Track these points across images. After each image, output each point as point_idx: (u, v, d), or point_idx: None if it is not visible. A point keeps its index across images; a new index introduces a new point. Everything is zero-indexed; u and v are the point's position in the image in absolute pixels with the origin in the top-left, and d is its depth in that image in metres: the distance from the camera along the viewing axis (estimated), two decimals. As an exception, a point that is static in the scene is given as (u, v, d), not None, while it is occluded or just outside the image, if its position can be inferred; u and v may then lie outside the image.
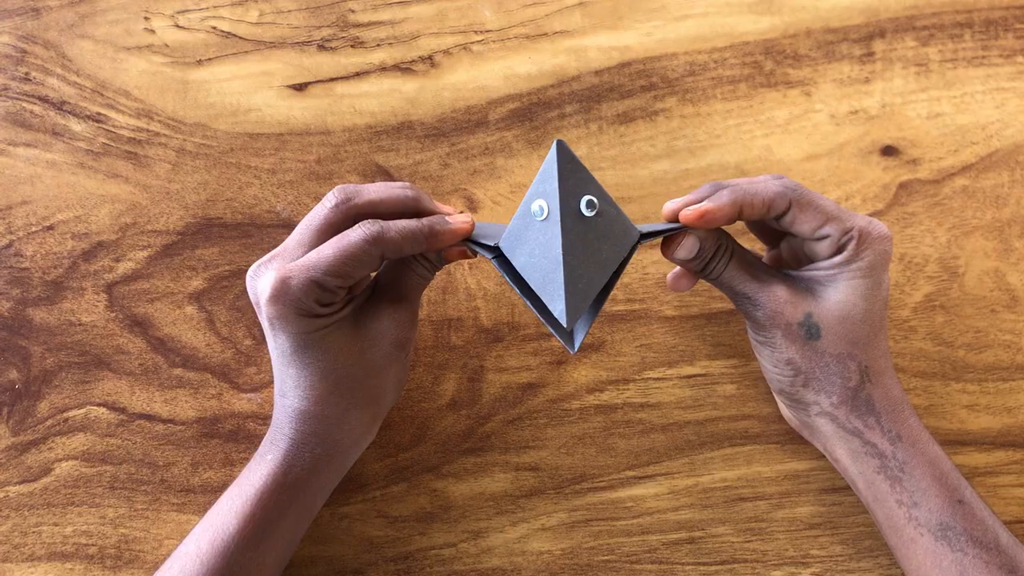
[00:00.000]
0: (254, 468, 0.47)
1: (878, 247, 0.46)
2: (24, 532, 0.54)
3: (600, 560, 0.54)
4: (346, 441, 0.48)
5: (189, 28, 0.60)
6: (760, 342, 0.49)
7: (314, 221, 0.45)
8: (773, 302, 0.47)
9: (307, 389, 0.45)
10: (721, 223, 0.45)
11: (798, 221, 0.46)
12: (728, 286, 0.48)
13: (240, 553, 0.45)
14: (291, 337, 0.44)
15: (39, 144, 0.58)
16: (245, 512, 0.45)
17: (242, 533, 0.45)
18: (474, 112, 0.59)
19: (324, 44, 0.60)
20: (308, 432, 0.46)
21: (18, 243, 0.57)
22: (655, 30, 0.60)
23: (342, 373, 0.46)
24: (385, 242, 0.43)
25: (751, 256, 0.49)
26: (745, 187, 0.46)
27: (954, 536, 0.45)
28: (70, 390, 0.55)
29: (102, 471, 0.54)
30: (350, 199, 0.45)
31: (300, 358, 0.45)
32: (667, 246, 0.47)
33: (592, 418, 0.55)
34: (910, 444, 0.47)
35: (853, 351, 0.47)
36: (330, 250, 0.43)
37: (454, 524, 0.54)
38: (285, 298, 0.43)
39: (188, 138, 0.59)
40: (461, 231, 0.45)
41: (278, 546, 0.47)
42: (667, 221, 0.47)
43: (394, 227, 0.44)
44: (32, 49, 0.60)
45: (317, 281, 0.43)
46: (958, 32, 0.60)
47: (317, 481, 0.47)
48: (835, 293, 0.46)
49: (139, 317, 0.56)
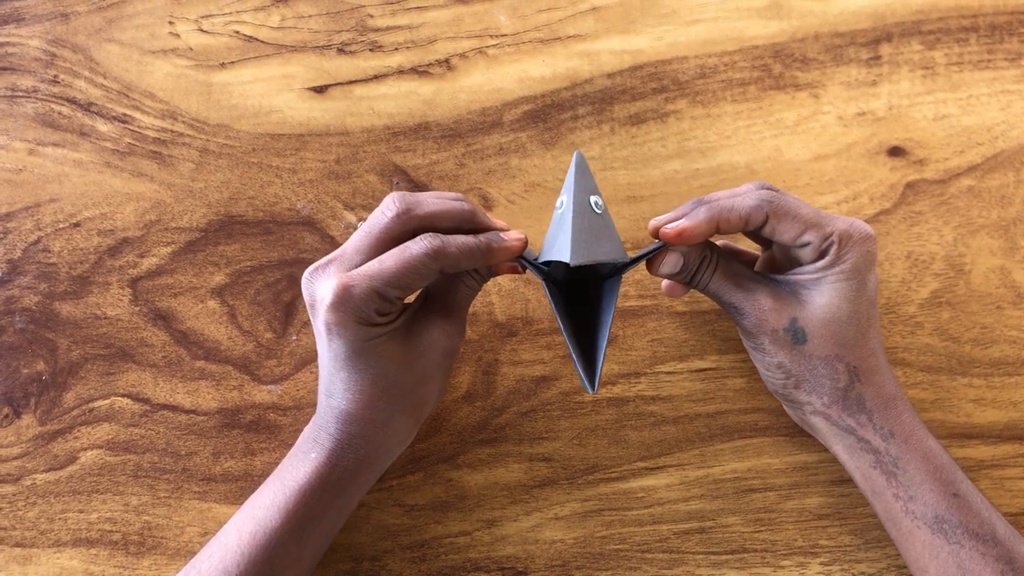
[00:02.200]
0: (297, 464, 0.47)
1: (860, 248, 0.47)
2: (51, 518, 0.55)
3: (612, 549, 0.55)
4: (388, 444, 0.49)
5: (212, 32, 0.62)
6: (751, 347, 0.50)
7: (374, 229, 0.46)
8: (758, 310, 0.48)
9: (356, 393, 0.46)
10: (699, 240, 0.47)
11: (777, 232, 0.47)
12: (715, 295, 0.50)
13: (281, 547, 0.45)
14: (347, 343, 0.45)
15: (67, 144, 0.60)
16: (288, 507, 0.46)
17: (284, 527, 0.46)
18: (489, 114, 0.61)
19: (344, 48, 0.62)
20: (354, 434, 0.47)
21: (46, 239, 0.59)
22: (666, 34, 0.62)
23: (392, 380, 0.47)
24: (445, 257, 0.44)
25: (736, 266, 0.50)
26: (722, 203, 0.47)
27: (950, 529, 0.46)
28: (95, 381, 0.57)
29: (126, 460, 0.56)
30: (411, 210, 0.46)
31: (354, 363, 0.46)
32: (652, 263, 0.49)
33: (604, 411, 0.56)
34: (903, 440, 0.48)
35: (841, 352, 0.47)
36: (392, 261, 0.44)
37: (469, 513, 0.55)
38: (346, 306, 0.44)
39: (211, 138, 0.60)
40: (516, 249, 0.47)
41: (316, 542, 0.48)
42: (653, 236, 0.49)
43: (454, 243, 0.45)
44: (61, 53, 0.62)
45: (379, 291, 0.44)
46: (964, 36, 0.61)
47: (358, 481, 0.48)
48: (819, 297, 0.47)
49: (163, 311, 0.58)
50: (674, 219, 0.47)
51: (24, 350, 0.57)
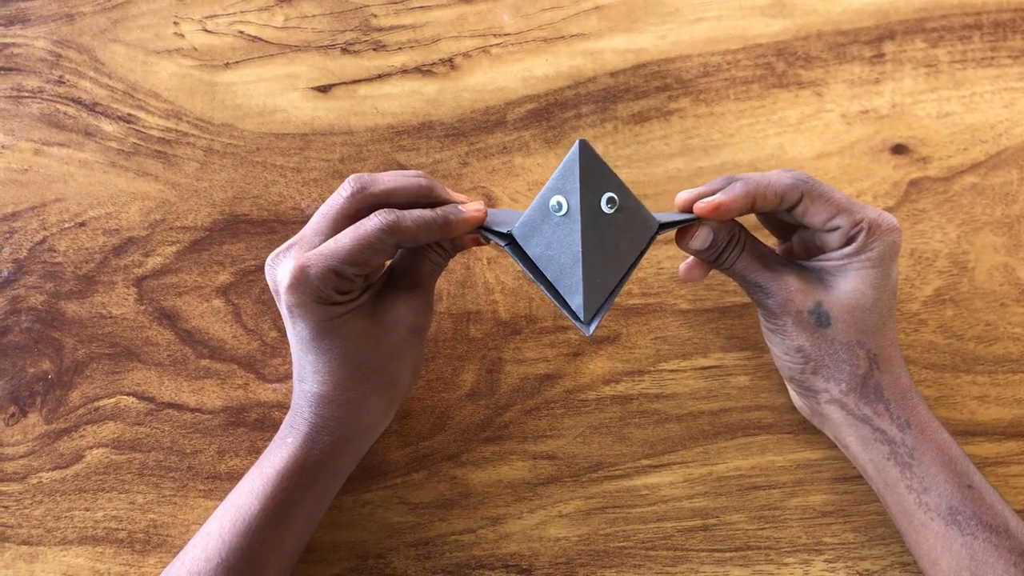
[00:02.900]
0: (274, 451, 0.48)
1: (887, 239, 0.47)
2: (57, 516, 0.55)
3: (616, 546, 0.55)
4: (364, 424, 0.49)
5: (217, 32, 0.62)
6: (771, 330, 0.50)
7: (330, 210, 0.46)
8: (784, 290, 0.48)
9: (326, 375, 0.46)
10: (735, 215, 0.47)
11: (809, 213, 0.47)
12: (740, 275, 0.49)
13: (260, 532, 0.46)
14: (310, 324, 0.45)
15: (72, 144, 0.60)
16: (266, 493, 0.46)
17: (263, 513, 0.46)
18: (493, 112, 0.61)
19: (347, 47, 0.62)
20: (327, 416, 0.47)
21: (52, 239, 0.59)
22: (669, 33, 0.62)
23: (360, 359, 0.47)
24: (401, 231, 0.44)
25: (763, 247, 0.50)
26: (758, 179, 0.47)
27: (964, 520, 0.46)
28: (101, 380, 0.57)
29: (132, 458, 0.56)
30: (365, 188, 0.46)
31: (319, 345, 0.46)
32: (681, 237, 0.48)
33: (608, 408, 0.57)
34: (919, 431, 0.48)
35: (862, 339, 0.48)
36: (347, 239, 0.44)
37: (473, 511, 0.55)
38: (304, 286, 0.44)
39: (216, 138, 0.60)
40: (474, 219, 0.46)
41: (297, 527, 0.48)
42: (680, 211, 0.48)
43: (409, 216, 0.45)
44: (66, 53, 0.62)
45: (335, 269, 0.44)
46: (967, 34, 0.61)
47: (336, 463, 0.48)
48: (845, 282, 0.48)
49: (168, 310, 0.58)
50: (706, 193, 0.47)
51: (30, 349, 0.58)
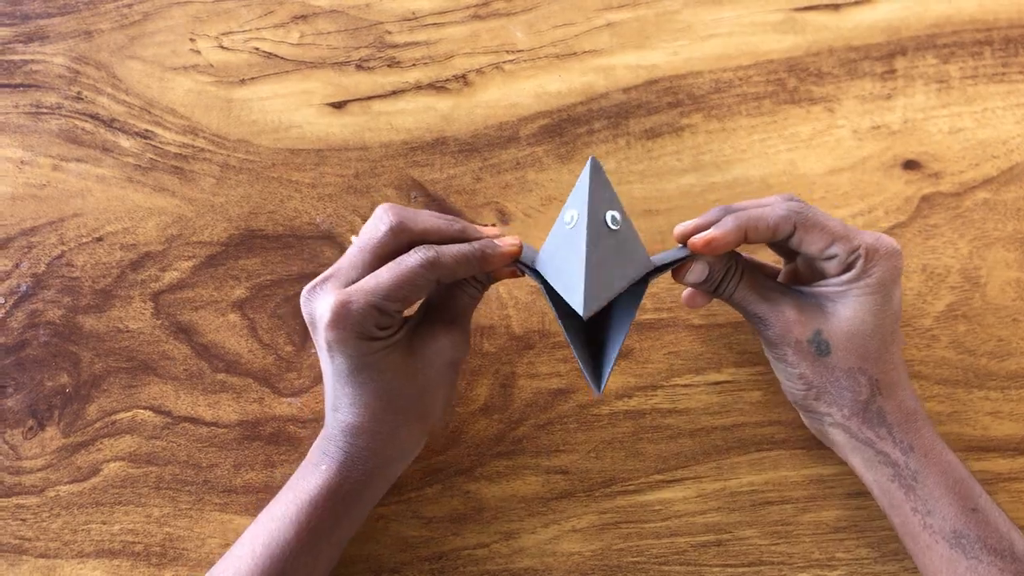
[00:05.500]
0: (307, 476, 0.48)
1: (886, 263, 0.47)
2: (74, 530, 0.56)
3: (629, 561, 0.55)
4: (396, 455, 0.49)
5: (233, 49, 0.63)
6: (773, 358, 0.50)
7: (369, 244, 0.46)
8: (782, 321, 0.48)
9: (362, 407, 0.47)
10: (727, 249, 0.47)
11: (804, 243, 0.47)
12: (739, 305, 0.50)
13: (294, 559, 0.46)
14: (349, 359, 0.45)
15: (90, 159, 0.61)
16: (300, 520, 0.46)
17: (297, 540, 0.46)
18: (506, 128, 0.61)
19: (362, 64, 0.62)
20: (361, 446, 0.47)
21: (69, 254, 0.60)
22: (681, 49, 0.62)
23: (396, 393, 0.47)
24: (440, 266, 0.45)
25: (761, 276, 0.50)
26: (750, 212, 0.47)
27: (968, 544, 0.46)
28: (118, 394, 0.58)
29: (148, 472, 0.56)
30: (404, 223, 0.46)
31: (356, 378, 0.46)
32: (678, 271, 0.49)
33: (621, 423, 0.57)
34: (923, 454, 0.48)
35: (863, 365, 0.48)
36: (388, 275, 0.44)
37: (487, 525, 0.56)
38: (345, 322, 0.44)
39: (232, 154, 0.61)
40: (511, 254, 0.47)
41: (328, 552, 0.48)
42: (678, 243, 0.49)
43: (448, 252, 0.45)
44: (84, 70, 0.63)
45: (377, 306, 0.44)
46: (978, 50, 0.62)
47: (368, 492, 0.49)
48: (844, 309, 0.48)
49: (184, 324, 0.59)
50: (701, 226, 0.47)
51: (48, 363, 0.58)
